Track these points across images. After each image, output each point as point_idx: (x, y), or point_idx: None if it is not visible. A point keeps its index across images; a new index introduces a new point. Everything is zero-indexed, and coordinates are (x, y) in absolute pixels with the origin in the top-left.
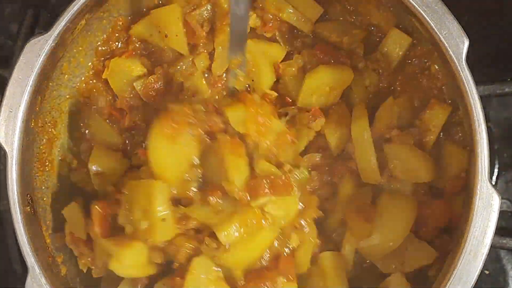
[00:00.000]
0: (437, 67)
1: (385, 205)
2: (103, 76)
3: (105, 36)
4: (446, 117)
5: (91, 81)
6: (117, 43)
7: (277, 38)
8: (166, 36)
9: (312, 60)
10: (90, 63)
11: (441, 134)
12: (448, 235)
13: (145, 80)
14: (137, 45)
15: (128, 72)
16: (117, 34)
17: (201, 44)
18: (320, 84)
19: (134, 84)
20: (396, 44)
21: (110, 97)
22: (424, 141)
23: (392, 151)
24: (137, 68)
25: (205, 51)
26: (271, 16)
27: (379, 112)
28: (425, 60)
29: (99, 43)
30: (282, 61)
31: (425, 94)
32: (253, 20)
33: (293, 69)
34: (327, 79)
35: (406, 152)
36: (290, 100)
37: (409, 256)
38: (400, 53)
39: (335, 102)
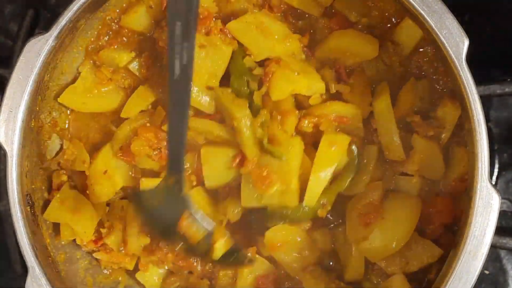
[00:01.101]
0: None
1: (388, 207)
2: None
3: (96, 33)
4: (459, 114)
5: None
6: (106, 37)
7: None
8: (151, 7)
9: (324, 32)
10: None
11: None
12: (452, 234)
13: (139, 59)
14: (124, 39)
15: (116, 63)
16: (106, 29)
17: None
18: (343, 46)
19: (130, 67)
20: (408, 36)
21: None
22: (440, 137)
23: (420, 145)
24: (124, 57)
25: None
26: (278, 3)
27: (402, 93)
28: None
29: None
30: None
31: (443, 81)
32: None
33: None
34: (351, 44)
35: (432, 148)
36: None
37: (413, 255)
38: (412, 45)
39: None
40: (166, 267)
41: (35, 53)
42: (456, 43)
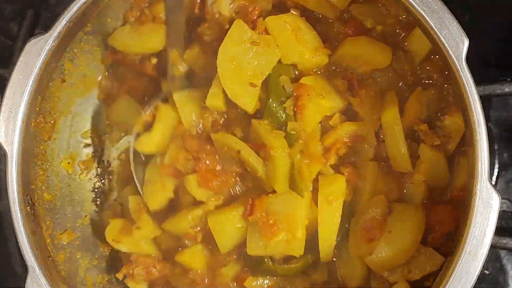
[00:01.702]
0: None
1: (395, 220)
2: None
3: None
4: None
5: None
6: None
7: None
8: None
9: (338, 38)
10: None
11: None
12: (451, 241)
13: None
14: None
15: None
16: None
17: None
18: (356, 53)
19: None
20: (419, 45)
21: None
22: (446, 147)
23: (426, 154)
24: None
25: None
26: (294, 4)
27: (409, 102)
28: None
29: None
30: None
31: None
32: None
33: None
34: (365, 51)
35: (438, 157)
36: None
37: (416, 264)
38: (423, 53)
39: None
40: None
41: (35, 53)
42: (456, 43)
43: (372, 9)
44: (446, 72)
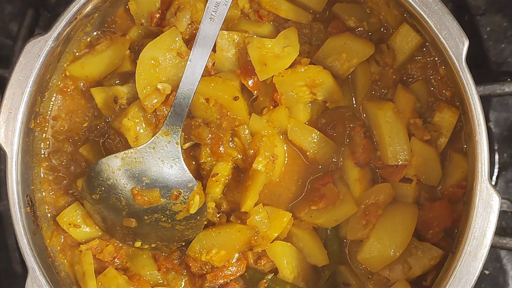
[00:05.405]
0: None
1: (385, 215)
2: None
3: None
4: (456, 120)
5: None
6: None
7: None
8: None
9: (319, 36)
10: None
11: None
12: (451, 238)
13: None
14: None
15: None
16: None
17: None
18: (340, 48)
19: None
20: (404, 41)
21: None
22: (437, 143)
23: (418, 148)
24: None
25: None
26: (267, 13)
27: (400, 95)
28: (432, 59)
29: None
30: None
31: (440, 83)
32: (246, 10)
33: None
34: (348, 46)
35: (430, 152)
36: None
37: (415, 260)
38: (407, 51)
39: (345, 75)
40: None
41: (34, 54)
42: (456, 43)
43: (355, 7)
44: (445, 71)
